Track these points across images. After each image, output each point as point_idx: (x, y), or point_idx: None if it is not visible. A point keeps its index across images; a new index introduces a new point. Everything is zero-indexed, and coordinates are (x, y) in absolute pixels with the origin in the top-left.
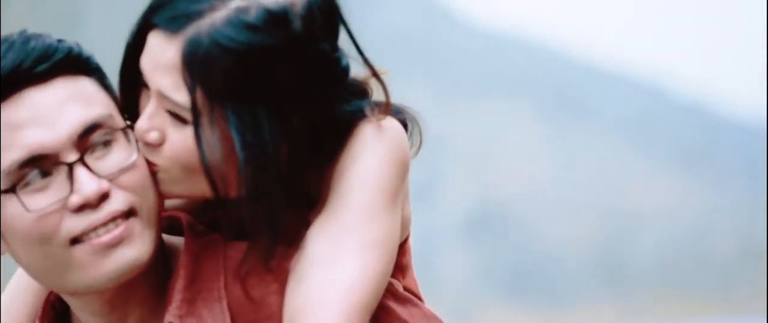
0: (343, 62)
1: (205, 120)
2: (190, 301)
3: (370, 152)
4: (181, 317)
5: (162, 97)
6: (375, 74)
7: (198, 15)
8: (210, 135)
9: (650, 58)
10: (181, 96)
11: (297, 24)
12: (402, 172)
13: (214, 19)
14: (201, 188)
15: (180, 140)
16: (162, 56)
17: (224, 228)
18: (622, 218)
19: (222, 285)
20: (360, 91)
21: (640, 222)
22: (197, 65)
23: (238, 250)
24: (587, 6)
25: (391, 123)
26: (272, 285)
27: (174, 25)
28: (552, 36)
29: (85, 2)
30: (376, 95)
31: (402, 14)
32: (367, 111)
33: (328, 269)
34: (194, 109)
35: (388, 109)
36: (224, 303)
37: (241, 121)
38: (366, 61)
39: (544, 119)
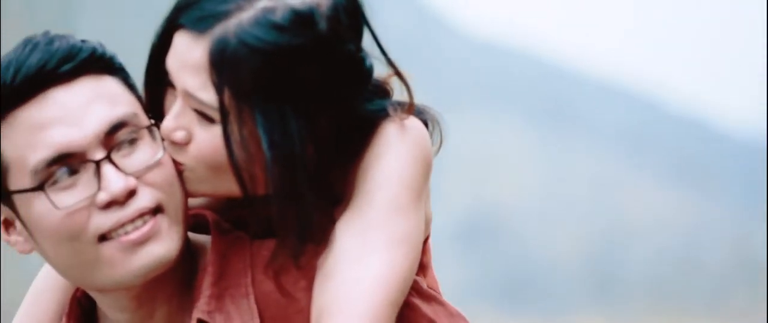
0: (368, 63)
1: (232, 119)
2: (218, 297)
3: (394, 151)
4: (209, 313)
5: (188, 96)
6: (399, 74)
7: (225, 15)
8: (237, 134)
9: (645, 70)
10: (208, 95)
11: (323, 24)
12: (425, 170)
13: (241, 19)
14: (226, 186)
15: (206, 139)
16: (189, 56)
17: (252, 226)
18: (616, 230)
19: (249, 281)
20: (382, 90)
21: (633, 234)
22: (225, 65)
23: (264, 248)
24: (583, 17)
25: (414, 122)
26: (301, 282)
27: (201, 25)
28: (547, 46)
29: (80, 3)
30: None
31: (396, 21)
32: (390, 110)
33: (355, 265)
34: (222, 108)
35: (411, 109)
36: (252, 298)
37: (269, 120)
38: (390, 62)
39: (537, 130)
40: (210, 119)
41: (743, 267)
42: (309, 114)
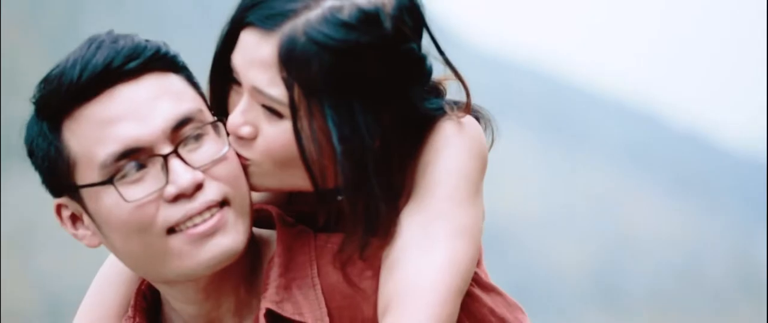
0: (428, 63)
1: (302, 114)
2: (285, 288)
3: (452, 147)
4: (277, 303)
5: (257, 92)
6: (457, 75)
7: (293, 13)
8: (307, 129)
9: (649, 86)
10: (277, 91)
11: (388, 23)
12: (482, 166)
13: (309, 17)
14: (291, 181)
15: (274, 134)
16: (257, 53)
17: (321, 220)
18: (619, 243)
19: (315, 272)
20: (437, 90)
21: (636, 247)
22: (295, 62)
23: (328, 240)
24: (589, 34)
25: (470, 120)
26: (366, 272)
27: (269, 23)
28: (553, 63)
29: (84, 4)
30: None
31: None
32: (447, 109)
33: (419, 256)
34: (292, 104)
35: (469, 108)
36: (318, 289)
37: (339, 115)
38: (448, 63)
39: (543, 144)
40: (278, 115)
41: (744, 281)
42: (375, 109)
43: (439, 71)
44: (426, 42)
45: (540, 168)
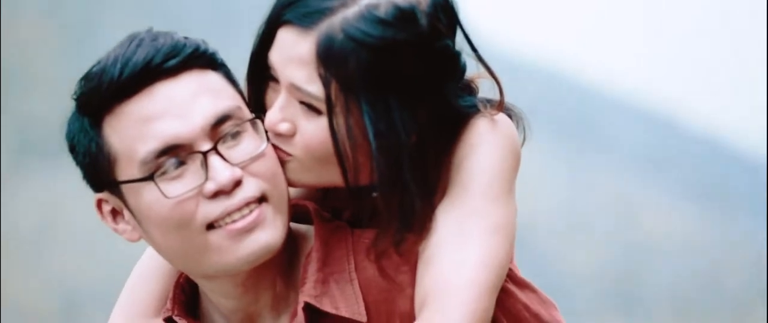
0: (462, 60)
1: (339, 111)
2: (323, 282)
3: (486, 143)
4: (316, 297)
5: (295, 89)
6: (491, 73)
7: (330, 11)
8: (343, 125)
9: (666, 90)
10: (314, 88)
11: (423, 20)
12: (516, 162)
13: (347, 14)
14: (330, 176)
15: (311, 131)
16: (295, 50)
17: (358, 215)
18: (636, 249)
19: (353, 267)
20: (469, 88)
21: (653, 253)
22: (332, 59)
23: (365, 236)
24: (605, 37)
25: (503, 118)
26: (403, 267)
27: (307, 20)
28: (569, 65)
29: (101, 8)
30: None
31: None
32: (480, 106)
33: (456, 252)
34: (328, 100)
35: (502, 105)
36: (356, 284)
37: (375, 111)
38: (482, 61)
39: (559, 148)
40: (316, 111)
41: (764, 286)
42: (411, 106)
43: (471, 69)
44: (459, 40)
45: (556, 172)
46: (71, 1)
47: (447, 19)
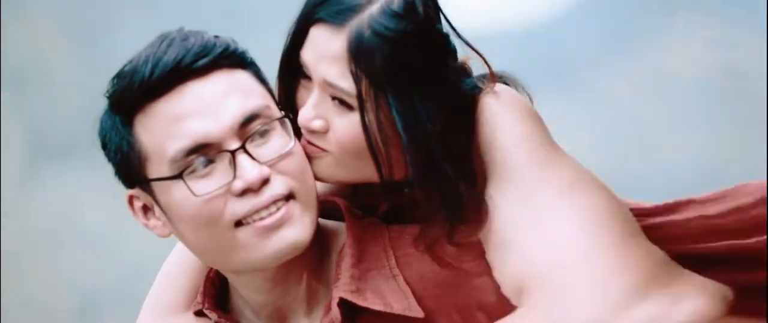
0: (452, 43)
1: (369, 106)
2: (360, 278)
3: (502, 116)
4: (353, 292)
5: (328, 86)
6: (472, 48)
7: (359, 8)
8: (374, 120)
9: None
10: (347, 84)
11: (421, 8)
12: (540, 121)
13: (372, 11)
14: (364, 172)
15: (344, 127)
16: (328, 48)
17: (397, 211)
18: None
19: (393, 263)
20: (465, 70)
21: None
22: (362, 55)
23: (403, 231)
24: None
25: (502, 87)
26: (465, 256)
27: (339, 18)
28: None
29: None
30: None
31: None
32: (480, 84)
33: (538, 229)
34: (359, 96)
35: (494, 77)
36: (400, 279)
37: (401, 103)
38: (464, 40)
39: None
40: (348, 107)
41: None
42: (430, 95)
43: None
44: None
45: None
46: (87, 4)
47: (433, 4)
